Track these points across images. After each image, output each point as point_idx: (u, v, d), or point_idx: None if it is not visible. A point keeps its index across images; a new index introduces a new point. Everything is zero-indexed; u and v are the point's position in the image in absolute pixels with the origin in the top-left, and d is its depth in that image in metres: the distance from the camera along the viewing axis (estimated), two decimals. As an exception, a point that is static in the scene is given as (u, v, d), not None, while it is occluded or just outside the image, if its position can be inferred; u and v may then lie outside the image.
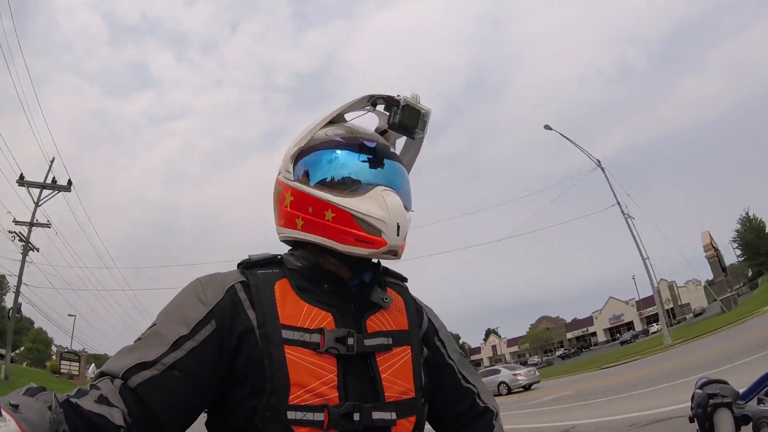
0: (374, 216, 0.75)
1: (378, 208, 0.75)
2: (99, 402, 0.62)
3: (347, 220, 0.76)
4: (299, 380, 0.70)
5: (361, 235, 0.75)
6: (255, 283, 0.77)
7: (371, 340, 0.77)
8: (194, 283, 0.79)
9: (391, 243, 0.75)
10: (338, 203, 0.76)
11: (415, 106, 0.84)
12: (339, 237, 0.76)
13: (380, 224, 0.75)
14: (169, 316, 0.74)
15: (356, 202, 0.76)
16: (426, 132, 0.89)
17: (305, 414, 0.69)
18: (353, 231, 0.75)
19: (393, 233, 0.75)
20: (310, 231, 0.79)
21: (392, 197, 0.77)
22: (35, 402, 0.57)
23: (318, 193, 0.78)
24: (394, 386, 0.76)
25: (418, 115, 0.85)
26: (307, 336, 0.73)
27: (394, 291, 0.89)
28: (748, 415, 0.73)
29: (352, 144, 0.81)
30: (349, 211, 0.75)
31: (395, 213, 0.76)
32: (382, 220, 0.75)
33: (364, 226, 0.75)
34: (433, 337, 0.91)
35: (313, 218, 0.78)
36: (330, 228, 0.77)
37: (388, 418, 0.73)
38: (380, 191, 0.77)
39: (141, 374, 0.67)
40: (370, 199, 0.76)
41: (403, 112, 0.83)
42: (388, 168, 0.82)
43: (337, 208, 0.76)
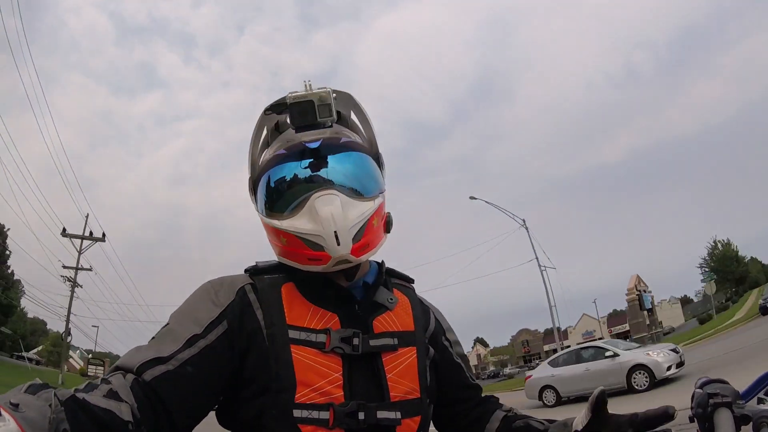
0: (308, 232, 0.74)
1: (309, 223, 0.74)
2: (107, 397, 0.62)
3: (295, 242, 0.77)
4: (305, 379, 0.71)
5: (309, 254, 0.76)
6: (262, 286, 0.79)
7: (377, 340, 0.78)
8: (205, 285, 0.80)
9: (334, 255, 0.74)
10: (281, 227, 0.77)
11: (301, 99, 0.78)
12: (296, 259, 0.78)
13: (317, 239, 0.74)
14: (182, 316, 0.75)
15: (294, 222, 0.76)
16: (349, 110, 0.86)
17: (311, 412, 0.70)
18: (302, 251, 0.76)
19: (333, 244, 0.73)
20: (281, 255, 0.82)
21: (325, 205, 0.74)
22: (36, 400, 0.56)
23: (269, 222, 0.80)
24: (399, 386, 0.77)
25: (311, 106, 0.78)
26: (313, 336, 0.74)
27: (401, 292, 0.89)
28: (748, 415, 0.74)
29: (294, 152, 0.80)
30: (290, 232, 0.76)
31: (328, 222, 0.72)
32: (316, 233, 0.74)
33: (308, 244, 0.75)
34: (441, 337, 0.92)
35: (278, 245, 0.81)
36: (289, 252, 0.79)
37: (392, 417, 0.74)
38: (313, 202, 0.74)
39: (156, 368, 0.68)
40: (303, 214, 0.75)
41: (292, 113, 0.79)
42: (333, 164, 0.79)
43: (284, 233, 0.77)
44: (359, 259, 0.77)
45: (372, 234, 0.80)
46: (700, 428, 0.78)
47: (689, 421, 0.80)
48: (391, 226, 0.87)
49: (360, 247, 0.76)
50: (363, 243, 0.77)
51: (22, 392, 0.57)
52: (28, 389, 0.58)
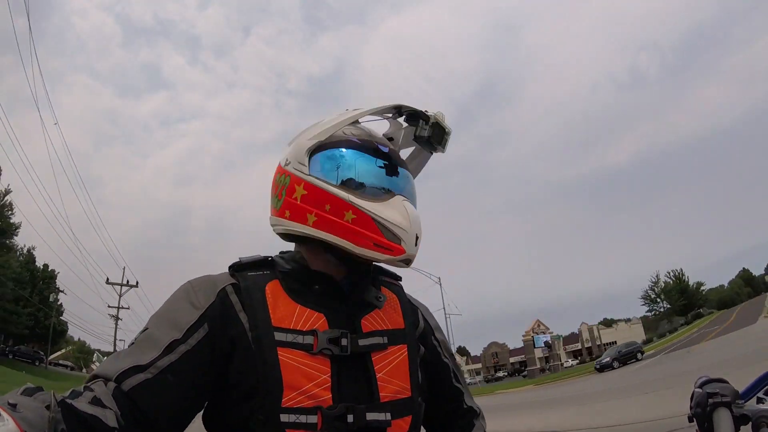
0: (396, 224, 0.75)
1: (400, 217, 0.75)
2: (93, 403, 0.62)
3: (368, 224, 0.75)
4: (292, 382, 0.69)
5: (380, 241, 0.74)
6: (246, 286, 0.77)
7: (366, 339, 0.76)
8: (185, 286, 0.78)
9: (408, 252, 0.76)
10: (361, 206, 0.75)
11: (443, 125, 0.86)
12: (356, 239, 0.75)
13: (401, 233, 0.75)
14: (162, 320, 0.73)
15: (380, 208, 0.76)
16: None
17: (298, 417, 0.68)
18: (373, 235, 0.74)
19: (412, 243, 0.76)
20: (322, 228, 0.76)
21: (412, 208, 0.78)
22: (33, 401, 0.56)
23: (340, 193, 0.76)
24: (390, 386, 0.76)
25: (443, 134, 0.87)
26: (299, 338, 0.72)
27: (389, 290, 0.88)
28: (747, 415, 0.74)
29: (368, 147, 0.81)
30: (372, 215, 0.75)
31: (416, 224, 0.76)
32: (404, 229, 0.75)
33: (384, 232, 0.75)
34: (430, 336, 0.91)
35: (329, 216, 0.76)
36: (348, 229, 0.75)
37: (382, 419, 0.72)
38: (401, 200, 0.77)
39: (135, 377, 0.66)
40: (392, 206, 0.76)
41: (431, 129, 0.86)
42: (402, 176, 0.82)
43: (359, 211, 0.75)
44: (409, 266, 0.79)
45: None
46: (699, 428, 0.78)
47: (688, 420, 0.80)
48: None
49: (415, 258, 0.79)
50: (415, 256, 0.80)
51: (18, 394, 0.58)
52: (24, 392, 0.58)
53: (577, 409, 10.36)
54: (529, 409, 13.08)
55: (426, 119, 0.85)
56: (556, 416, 9.93)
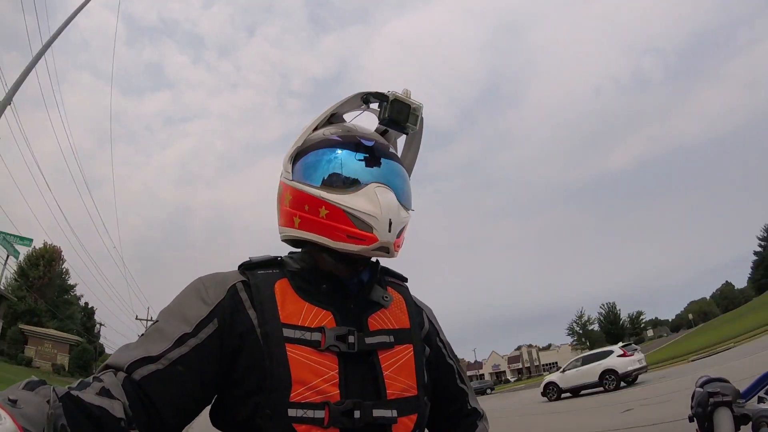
0: (364, 212, 0.75)
1: (369, 204, 0.75)
2: (100, 394, 0.62)
3: (340, 217, 0.76)
4: (300, 378, 0.70)
5: (352, 231, 0.75)
6: (255, 283, 0.78)
7: (372, 338, 0.77)
8: (196, 282, 0.79)
9: (382, 239, 0.75)
10: (331, 200, 0.76)
11: (404, 100, 0.84)
12: (332, 234, 0.76)
13: (371, 220, 0.74)
14: (172, 315, 0.74)
15: (348, 199, 0.76)
16: (419, 127, 0.89)
17: (306, 411, 0.69)
18: (345, 227, 0.75)
19: (384, 229, 0.74)
20: (306, 229, 0.79)
21: (385, 194, 0.77)
22: (35, 396, 0.56)
23: (312, 191, 0.78)
24: (396, 384, 0.76)
25: (408, 110, 0.84)
26: (308, 334, 0.73)
27: (395, 290, 0.89)
28: (747, 414, 0.74)
29: (348, 143, 0.82)
30: (341, 207, 0.75)
31: (387, 209, 0.75)
32: (373, 215, 0.74)
33: (356, 222, 0.75)
34: (435, 338, 0.92)
35: (308, 216, 0.78)
36: (324, 225, 0.77)
37: (389, 415, 0.73)
38: (373, 188, 0.77)
39: (146, 368, 0.67)
40: (362, 195, 0.76)
41: (392, 107, 0.83)
42: (385, 167, 0.81)
43: (330, 205, 0.76)
44: (394, 253, 0.78)
45: (403, 237, 0.81)
46: (699, 427, 0.78)
47: (689, 420, 0.80)
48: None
49: (398, 244, 0.78)
50: (399, 241, 0.79)
51: (20, 389, 0.57)
52: (26, 386, 0.58)
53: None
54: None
55: (385, 98, 0.84)
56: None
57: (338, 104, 0.86)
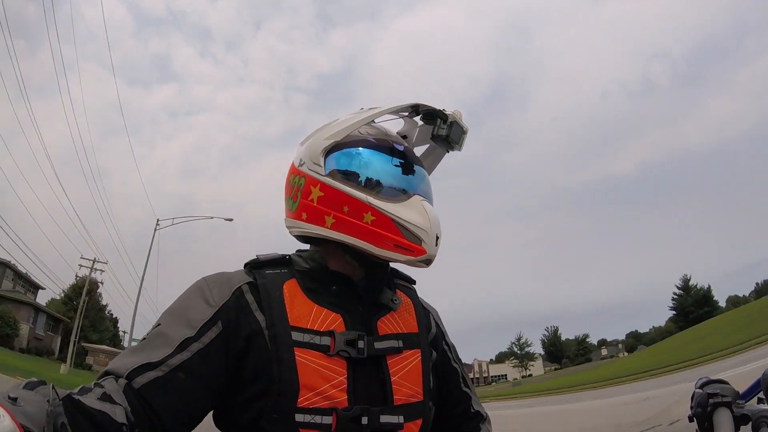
0: (417, 225, 0.75)
1: (420, 218, 0.76)
2: (102, 399, 0.61)
3: (388, 225, 0.75)
4: (309, 383, 0.69)
5: (401, 242, 0.75)
6: (263, 284, 0.76)
7: (382, 342, 0.77)
8: (200, 282, 0.77)
9: (429, 252, 0.76)
10: (380, 207, 0.75)
11: (461, 123, 0.87)
12: (377, 241, 0.75)
13: (422, 233, 0.75)
14: (174, 317, 0.72)
15: (399, 209, 0.76)
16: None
17: (313, 417, 0.68)
18: (393, 236, 0.75)
19: (432, 243, 0.76)
20: (341, 230, 0.76)
21: (431, 208, 0.78)
22: (35, 395, 0.55)
23: (358, 194, 0.76)
24: (403, 389, 0.76)
25: (461, 132, 0.88)
26: (317, 338, 0.72)
27: (403, 293, 0.88)
28: (747, 415, 0.75)
29: (384, 146, 0.81)
30: (391, 216, 0.75)
31: (436, 224, 0.77)
32: (424, 229, 0.75)
33: (404, 233, 0.75)
34: (441, 341, 0.92)
35: (348, 218, 0.76)
36: (367, 231, 0.75)
37: (395, 421, 0.73)
38: (419, 200, 0.78)
39: (146, 375, 0.66)
40: (411, 207, 0.77)
41: (449, 128, 0.86)
42: (418, 175, 0.82)
43: (378, 212, 0.75)
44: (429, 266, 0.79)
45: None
46: (699, 428, 0.79)
47: (689, 420, 0.81)
48: None
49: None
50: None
51: (20, 388, 0.57)
52: (27, 385, 0.57)
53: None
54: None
55: (444, 118, 0.85)
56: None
57: (392, 109, 0.85)
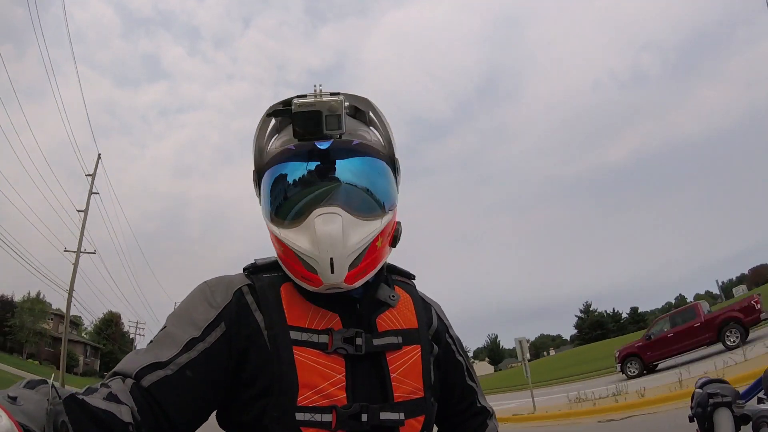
0: (305, 253, 0.71)
1: (308, 243, 0.70)
2: (107, 399, 0.61)
3: (291, 255, 0.74)
4: (308, 381, 0.70)
5: (302, 273, 0.73)
6: (261, 286, 0.78)
7: (380, 339, 0.77)
8: (202, 286, 0.79)
9: (326, 282, 0.70)
10: (280, 236, 0.74)
11: (307, 109, 0.72)
12: (291, 271, 0.76)
13: (312, 262, 0.70)
14: (180, 319, 0.74)
15: (292, 235, 0.72)
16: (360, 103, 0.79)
17: (313, 415, 0.69)
18: (297, 267, 0.74)
19: (326, 271, 0.69)
20: (281, 263, 0.79)
21: (325, 226, 0.69)
22: (35, 394, 0.55)
23: (269, 226, 0.77)
24: (403, 386, 0.76)
25: (318, 116, 0.72)
26: (315, 337, 0.73)
27: (402, 289, 0.88)
28: (747, 415, 0.75)
29: (302, 152, 0.75)
30: (289, 245, 0.73)
31: (326, 246, 0.69)
32: (313, 257, 0.70)
33: (302, 262, 0.72)
34: (444, 334, 0.91)
35: (277, 251, 0.79)
36: (285, 261, 0.77)
37: (396, 418, 0.73)
38: (313, 218, 0.70)
39: (155, 374, 0.67)
40: (304, 230, 0.71)
41: (296, 123, 0.73)
42: (342, 170, 0.75)
43: (282, 243, 0.75)
44: (352, 286, 0.73)
45: (372, 257, 0.76)
46: (699, 428, 0.79)
47: (689, 420, 0.81)
48: (399, 239, 0.83)
49: (355, 274, 0.73)
50: (360, 269, 0.74)
51: (20, 387, 0.56)
52: (27, 384, 0.57)
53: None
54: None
55: (288, 113, 0.74)
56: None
57: (257, 133, 0.80)
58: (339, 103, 0.72)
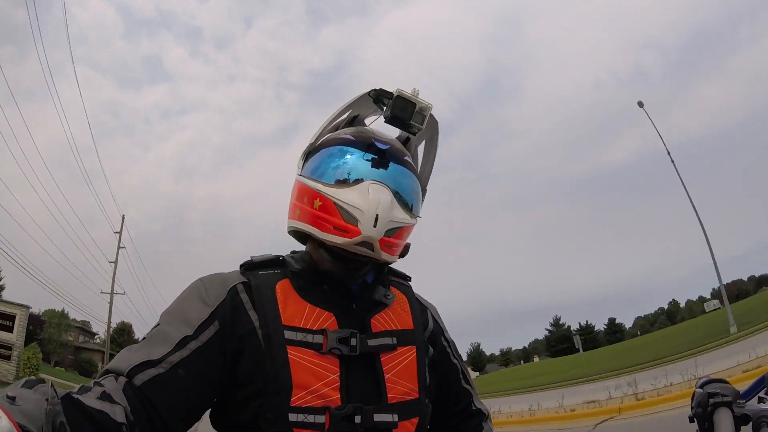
0: (354, 205, 0.74)
1: (359, 199, 0.74)
2: (101, 399, 0.62)
3: (330, 209, 0.76)
4: (301, 381, 0.70)
5: (338, 223, 0.74)
6: (256, 284, 0.78)
7: (375, 340, 0.77)
8: (196, 283, 0.79)
9: (365, 233, 0.73)
10: (325, 192, 0.77)
11: (408, 98, 0.81)
12: (320, 224, 0.76)
13: (357, 213, 0.73)
14: (173, 317, 0.74)
15: (341, 192, 0.76)
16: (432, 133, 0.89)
17: (306, 416, 0.69)
18: (333, 219, 0.75)
19: (369, 224, 0.73)
20: (302, 219, 0.80)
21: (379, 191, 0.75)
22: (33, 394, 0.55)
23: (311, 183, 0.79)
24: (398, 387, 0.76)
25: (412, 108, 0.82)
26: (309, 337, 0.73)
27: (398, 290, 0.88)
28: (748, 415, 0.74)
29: (360, 143, 0.81)
30: (333, 199, 0.75)
31: (376, 204, 0.73)
32: (359, 208, 0.73)
33: (343, 214, 0.74)
34: (440, 337, 0.91)
35: (305, 207, 0.79)
36: (315, 216, 0.77)
37: (389, 420, 0.73)
38: (368, 184, 0.76)
39: (146, 372, 0.67)
40: (356, 190, 0.76)
41: (394, 104, 0.81)
42: (393, 170, 0.80)
43: (324, 197, 0.76)
44: (381, 252, 0.75)
45: (400, 240, 0.80)
46: (699, 427, 0.78)
47: (689, 421, 0.80)
48: (406, 254, 0.86)
49: (387, 243, 0.76)
50: (392, 241, 0.77)
51: (19, 386, 0.56)
52: (25, 384, 0.57)
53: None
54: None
55: (389, 95, 0.82)
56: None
57: (350, 102, 0.87)
58: (428, 107, 0.83)
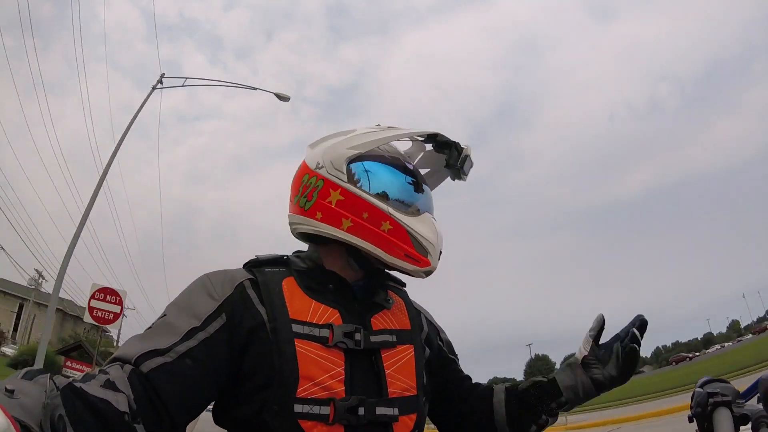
0: (427, 238, 0.82)
1: (431, 233, 0.83)
2: (105, 387, 0.61)
3: (402, 235, 0.80)
4: (308, 373, 0.71)
5: (411, 252, 0.81)
6: (263, 280, 0.79)
7: (377, 336, 0.79)
8: (203, 278, 0.80)
9: (432, 264, 0.83)
10: (398, 218, 0.81)
11: (471, 158, 0.92)
12: (389, 248, 0.80)
13: (430, 247, 0.82)
14: (180, 309, 0.75)
15: (413, 222, 0.82)
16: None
17: (312, 408, 0.70)
18: (405, 246, 0.80)
19: (436, 257, 0.83)
20: (357, 234, 0.80)
21: (438, 226, 0.86)
22: (33, 386, 0.54)
23: (379, 203, 0.81)
24: (397, 382, 0.78)
25: (470, 166, 0.93)
26: (316, 330, 0.75)
27: (395, 294, 0.92)
28: (747, 415, 0.75)
29: (398, 165, 0.88)
30: (407, 228, 0.81)
31: (441, 240, 0.84)
32: (432, 243, 0.82)
33: (415, 244, 0.81)
34: (436, 338, 0.95)
35: (366, 224, 0.80)
36: (383, 238, 0.80)
37: (390, 413, 0.74)
38: (429, 218, 0.85)
39: (154, 360, 0.67)
40: (423, 222, 0.83)
41: (463, 161, 0.91)
42: (427, 194, 0.89)
43: (396, 223, 0.80)
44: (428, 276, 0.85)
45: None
46: (699, 427, 0.78)
47: (688, 420, 0.81)
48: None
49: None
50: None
51: (18, 378, 0.55)
52: (25, 375, 0.56)
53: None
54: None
55: (460, 150, 0.91)
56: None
57: (412, 132, 0.91)
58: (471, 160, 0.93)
